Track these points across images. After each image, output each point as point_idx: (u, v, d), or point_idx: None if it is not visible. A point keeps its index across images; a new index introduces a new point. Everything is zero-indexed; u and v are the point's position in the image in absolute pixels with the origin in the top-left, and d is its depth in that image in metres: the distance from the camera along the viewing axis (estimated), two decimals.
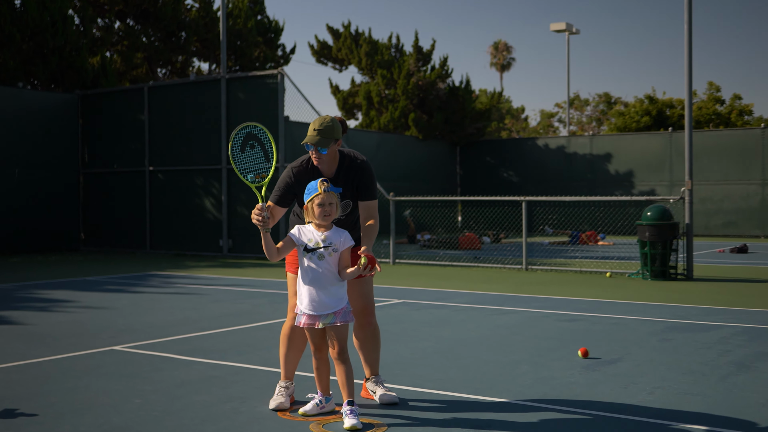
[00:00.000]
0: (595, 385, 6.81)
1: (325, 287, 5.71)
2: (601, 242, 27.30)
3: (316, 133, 5.96)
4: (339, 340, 5.74)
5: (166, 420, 5.76)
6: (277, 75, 21.10)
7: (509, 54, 77.98)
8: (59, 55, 26.00)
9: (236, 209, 21.83)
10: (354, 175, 6.15)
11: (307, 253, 5.76)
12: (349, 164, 6.17)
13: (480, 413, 5.95)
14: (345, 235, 5.83)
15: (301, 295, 5.79)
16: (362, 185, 6.16)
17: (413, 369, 7.48)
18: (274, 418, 5.82)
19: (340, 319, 5.72)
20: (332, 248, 5.73)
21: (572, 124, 62.68)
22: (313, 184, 5.76)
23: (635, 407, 6.11)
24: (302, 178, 6.12)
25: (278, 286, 14.62)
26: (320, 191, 5.69)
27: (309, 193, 5.75)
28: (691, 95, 16.22)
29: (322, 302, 5.70)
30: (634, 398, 6.39)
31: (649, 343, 8.85)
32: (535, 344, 8.78)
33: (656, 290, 14.07)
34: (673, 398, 6.39)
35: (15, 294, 13.51)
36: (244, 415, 5.90)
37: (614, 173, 34.93)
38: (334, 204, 5.74)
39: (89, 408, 6.08)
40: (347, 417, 5.56)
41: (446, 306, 11.97)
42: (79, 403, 6.22)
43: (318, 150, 5.98)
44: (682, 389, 6.68)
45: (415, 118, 36.48)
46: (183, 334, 9.50)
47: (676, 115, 42.71)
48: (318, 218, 5.74)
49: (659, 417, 5.83)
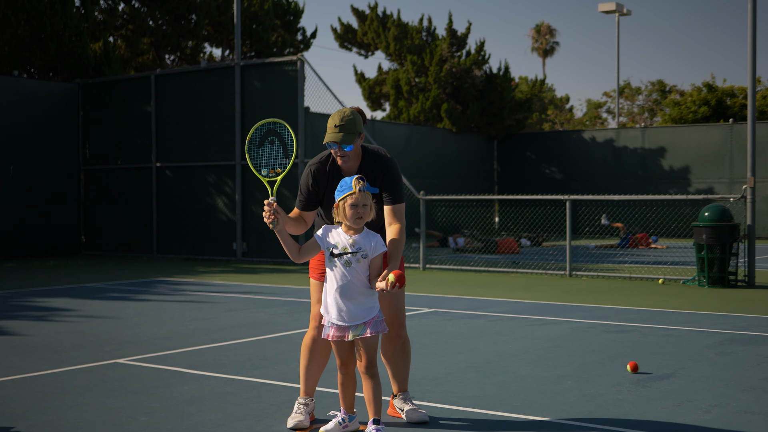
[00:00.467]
0: (645, 403, 6.81)
1: (354, 297, 5.71)
2: (654, 245, 27.20)
3: (338, 130, 5.96)
4: (368, 353, 5.74)
5: None
6: (296, 62, 21.16)
7: (552, 38, 77.81)
8: (58, 41, 26.18)
9: (251, 210, 21.91)
10: (377, 173, 6.16)
11: (333, 258, 5.77)
12: (372, 161, 6.18)
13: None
14: (376, 239, 5.81)
15: (328, 305, 5.79)
16: (386, 186, 6.15)
17: (445, 385, 7.51)
18: None
19: (371, 330, 5.71)
20: (361, 254, 5.72)
21: (622, 115, 62.43)
22: (347, 182, 5.72)
23: (690, 427, 6.11)
24: (321, 178, 6.14)
25: (297, 294, 14.68)
26: (355, 190, 5.66)
27: (342, 191, 5.72)
28: (755, 83, 16.14)
29: (351, 313, 5.70)
30: (688, 417, 6.38)
31: (705, 356, 8.83)
32: (579, 358, 8.78)
33: (714, 298, 14.01)
34: (732, 417, 6.38)
35: (10, 302, 13.64)
36: None
37: (668, 169, 34.78)
38: (368, 206, 5.72)
39: (91, 426, 6.14)
40: None
41: (482, 316, 11.98)
42: (80, 422, 6.28)
43: (342, 148, 5.99)
44: (742, 407, 6.67)
45: (448, 108, 36.47)
46: (193, 346, 9.57)
47: (738, 105, 42.44)
48: (350, 220, 5.71)
49: None
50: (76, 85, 24.88)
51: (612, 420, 6.30)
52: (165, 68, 32.71)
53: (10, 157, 22.90)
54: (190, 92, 23.22)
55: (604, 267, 19.50)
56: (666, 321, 11.42)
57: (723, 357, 8.79)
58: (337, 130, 5.96)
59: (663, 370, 8.12)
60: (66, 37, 26.32)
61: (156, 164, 23.63)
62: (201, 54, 35.87)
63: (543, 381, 7.65)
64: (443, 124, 36.79)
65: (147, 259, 23.23)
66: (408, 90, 37.59)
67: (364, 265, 5.74)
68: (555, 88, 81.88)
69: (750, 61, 16.05)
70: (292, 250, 5.83)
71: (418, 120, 36.97)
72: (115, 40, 32.34)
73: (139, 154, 24.03)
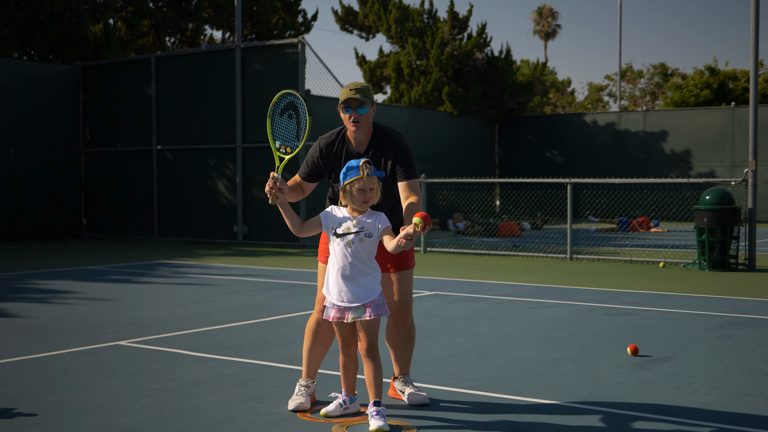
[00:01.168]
0: (645, 386, 6.83)
1: (354, 278, 5.72)
2: (654, 229, 27.21)
3: (354, 92, 6.00)
4: (368, 335, 5.75)
5: (176, 421, 5.83)
6: (297, 44, 21.14)
7: (554, 20, 77.65)
8: (58, 23, 26.16)
9: (252, 192, 21.92)
10: (388, 151, 6.17)
11: (336, 238, 5.79)
12: (383, 137, 6.20)
13: (519, 415, 5.99)
14: (379, 217, 5.81)
15: (330, 285, 5.81)
16: (401, 163, 6.16)
17: (446, 367, 7.53)
18: (294, 419, 5.89)
19: (372, 313, 5.70)
20: (364, 233, 5.73)
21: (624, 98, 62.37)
22: (353, 165, 5.72)
23: (689, 410, 6.13)
24: (330, 152, 6.17)
25: (298, 277, 14.71)
26: (362, 175, 5.67)
27: (349, 174, 5.71)
28: (758, 66, 16.13)
29: (351, 294, 5.71)
30: (688, 400, 6.41)
31: (705, 339, 8.86)
32: (580, 341, 8.80)
33: (714, 282, 14.04)
34: (731, 400, 6.41)
35: (12, 284, 13.67)
36: (261, 416, 5.97)
37: (670, 153, 34.76)
38: (375, 190, 5.73)
39: (92, 408, 6.17)
40: (373, 419, 5.60)
41: (483, 299, 12.01)
42: (82, 403, 6.30)
43: (357, 111, 6.02)
44: (741, 390, 6.69)
45: (449, 91, 36.42)
46: (194, 328, 9.60)
47: (740, 89, 42.41)
48: (356, 203, 5.73)
49: (716, 420, 5.85)
50: (76, 67, 24.86)
51: (612, 402, 6.33)
52: (165, 51, 32.67)
53: (10, 140, 22.90)
54: (191, 75, 23.20)
55: (605, 250, 19.52)
56: (666, 304, 11.45)
57: (723, 340, 8.82)
58: (354, 93, 6.00)
59: (663, 352, 8.15)
60: (66, 19, 26.29)
61: (157, 147, 23.63)
62: (201, 36, 35.83)
63: (543, 363, 7.68)
64: (444, 107, 36.75)
65: (148, 241, 23.26)
66: (409, 73, 37.54)
67: (367, 245, 5.75)
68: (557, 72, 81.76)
69: (752, 44, 16.03)
70: (295, 223, 5.85)
71: (419, 103, 36.93)
72: (115, 22, 32.29)
73: (140, 137, 24.03)
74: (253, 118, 21.77)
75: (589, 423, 5.80)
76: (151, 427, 5.68)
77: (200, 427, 5.68)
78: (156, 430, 5.63)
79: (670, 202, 29.25)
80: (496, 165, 38.81)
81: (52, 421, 5.82)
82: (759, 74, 30.33)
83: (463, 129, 37.03)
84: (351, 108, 6.02)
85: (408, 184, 6.12)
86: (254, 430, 5.64)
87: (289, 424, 5.76)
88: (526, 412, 6.06)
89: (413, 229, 5.48)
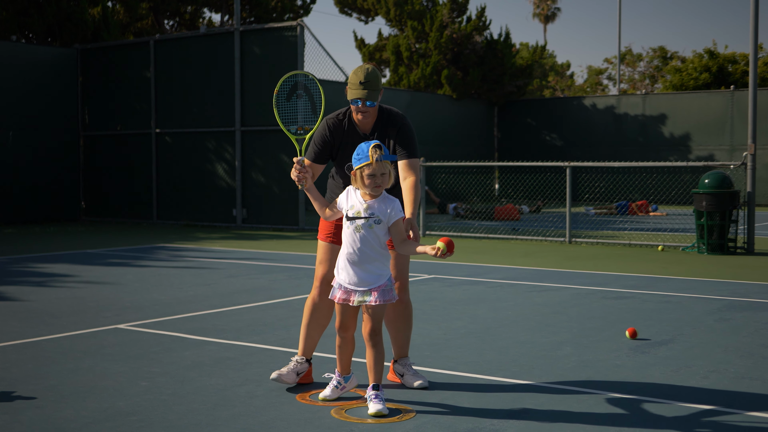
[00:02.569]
0: (644, 369, 6.84)
1: (361, 263, 5.70)
2: (653, 213, 27.22)
3: (362, 87, 5.99)
4: (373, 320, 5.73)
5: (175, 404, 5.84)
6: (296, 27, 21.09)
7: (554, 3, 77.49)
8: (56, 6, 26.11)
9: (251, 176, 21.91)
10: (391, 131, 6.18)
11: (347, 221, 5.77)
12: (387, 118, 6.21)
13: (517, 398, 5.99)
14: (394, 205, 5.76)
15: (339, 267, 5.81)
16: (402, 143, 6.16)
17: (445, 350, 7.54)
18: (293, 402, 5.89)
19: (378, 298, 5.69)
20: (374, 220, 5.70)
21: (623, 81, 62.32)
22: (363, 149, 5.65)
23: (688, 392, 6.14)
24: (337, 134, 6.17)
25: (297, 260, 14.72)
26: (372, 161, 5.60)
27: (359, 159, 5.65)
28: (757, 49, 16.10)
29: (359, 278, 5.70)
30: (686, 383, 6.42)
31: (704, 323, 8.87)
32: (578, 324, 8.81)
33: (713, 265, 14.05)
34: (729, 383, 6.42)
35: (10, 268, 13.67)
36: (260, 399, 5.98)
37: (669, 136, 34.75)
38: (386, 174, 5.67)
39: (92, 391, 6.18)
40: (372, 402, 5.61)
41: (481, 282, 12.01)
42: (81, 386, 6.31)
43: (366, 104, 6.02)
44: (740, 373, 6.70)
45: (448, 75, 36.38)
46: (194, 311, 9.60)
47: (740, 72, 42.34)
48: (368, 188, 5.68)
49: (714, 403, 5.86)
50: (74, 50, 24.80)
51: (611, 385, 6.33)
52: (164, 33, 32.60)
53: (9, 123, 22.87)
54: (190, 58, 23.16)
55: (604, 234, 19.52)
56: (665, 287, 11.46)
57: (721, 323, 8.83)
58: (362, 87, 5.99)
59: (662, 336, 8.16)
60: (64, 2, 26.25)
61: (155, 130, 23.60)
62: (200, 19, 35.77)
63: (542, 347, 7.69)
64: (444, 91, 36.72)
65: (147, 225, 23.26)
66: (408, 56, 37.49)
67: (377, 231, 5.71)
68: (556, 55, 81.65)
69: (752, 27, 16.00)
70: (323, 206, 5.87)
71: (419, 86, 36.90)
72: (114, 5, 32.24)
73: (139, 120, 24.00)
74: (252, 102, 21.74)
75: (587, 406, 5.81)
76: (151, 410, 5.68)
77: (199, 410, 5.69)
78: (155, 412, 5.64)
79: (669, 185, 29.26)
80: (495, 148, 38.82)
81: (51, 404, 5.82)
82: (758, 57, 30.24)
83: (462, 112, 37.02)
84: (359, 100, 6.02)
85: (408, 163, 6.11)
86: (253, 412, 5.64)
87: (288, 407, 5.77)
88: (524, 395, 6.07)
89: (433, 251, 5.52)
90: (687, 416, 5.57)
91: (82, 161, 24.98)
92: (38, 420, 5.47)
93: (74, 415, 5.60)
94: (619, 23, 44.62)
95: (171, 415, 5.60)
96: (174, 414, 5.61)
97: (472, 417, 5.57)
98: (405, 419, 5.51)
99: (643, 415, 5.59)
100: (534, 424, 5.41)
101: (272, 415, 5.59)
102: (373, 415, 5.55)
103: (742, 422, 5.45)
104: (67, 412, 5.66)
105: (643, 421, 5.46)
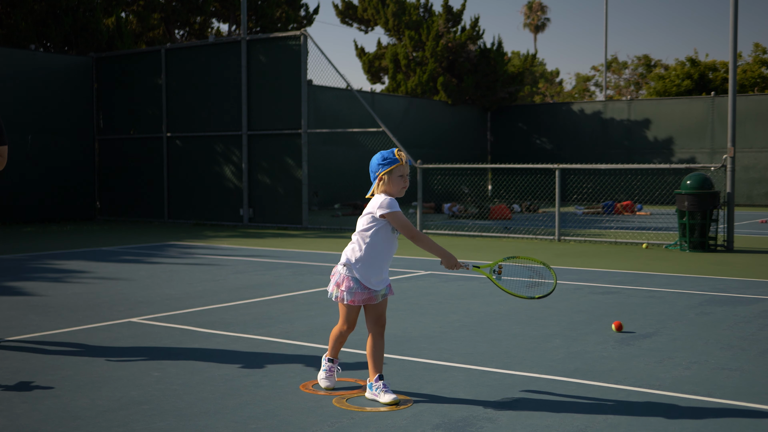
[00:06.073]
0: (629, 360, 6.84)
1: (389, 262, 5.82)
2: (639, 213, 27.21)
3: None
4: (384, 311, 5.81)
5: (185, 394, 5.84)
6: (299, 36, 21.10)
7: (544, 14, 77.52)
8: (73, 16, 26.10)
9: (257, 177, 21.91)
10: None
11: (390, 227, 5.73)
12: None
13: (509, 388, 5.99)
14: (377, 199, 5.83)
15: (370, 273, 5.69)
16: None
17: (441, 343, 7.54)
18: (296, 392, 5.89)
19: (390, 289, 5.83)
20: None
21: (609, 88, 62.27)
22: (387, 155, 5.67)
23: (671, 382, 6.14)
24: None
25: (300, 257, 14.71)
26: (402, 162, 5.64)
27: (387, 164, 5.64)
28: (736, 57, 16.10)
29: (385, 276, 5.76)
30: (669, 373, 6.42)
31: (686, 316, 8.87)
32: (567, 318, 8.81)
33: (695, 262, 14.05)
34: (710, 373, 6.41)
35: (29, 264, 13.66)
36: (266, 389, 5.97)
37: (653, 140, 34.75)
38: (408, 176, 5.74)
39: (106, 381, 6.18)
40: (384, 392, 5.62)
41: (475, 278, 12.00)
42: (96, 376, 6.31)
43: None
44: (720, 364, 6.70)
45: (444, 81, 36.37)
46: (202, 306, 9.60)
47: (720, 79, 42.36)
48: (395, 188, 5.67)
49: (696, 393, 5.86)
50: (90, 58, 24.79)
51: (597, 375, 6.33)
52: (175, 43, 32.59)
53: (28, 128, 22.86)
54: (199, 66, 23.16)
55: (591, 232, 19.52)
56: (649, 283, 11.45)
57: (702, 317, 8.83)
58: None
59: (646, 329, 8.15)
60: (80, 13, 26.23)
61: (166, 134, 23.60)
62: (209, 29, 35.74)
63: (533, 339, 7.68)
64: (439, 97, 36.72)
65: (158, 224, 23.25)
66: (406, 64, 37.48)
67: None
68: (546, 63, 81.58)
69: (732, 36, 16.00)
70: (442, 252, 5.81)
71: (416, 92, 36.90)
72: (127, 15, 32.23)
73: (151, 125, 23.99)
74: (258, 107, 21.75)
75: (576, 395, 5.81)
76: (162, 399, 5.68)
77: (208, 400, 5.68)
78: (166, 401, 5.64)
79: (652, 186, 29.25)
80: (489, 151, 38.82)
81: (68, 394, 5.82)
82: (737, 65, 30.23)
83: (456, 117, 37.03)
84: None
85: None
86: (259, 401, 5.64)
87: (292, 396, 5.77)
88: (516, 385, 6.07)
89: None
90: (670, 405, 5.57)
91: (96, 163, 24.96)
92: (56, 408, 5.47)
93: (90, 403, 5.59)
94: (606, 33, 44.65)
95: (181, 403, 5.60)
96: (184, 403, 5.61)
97: (467, 405, 5.57)
98: (403, 408, 5.51)
99: (628, 404, 5.59)
100: (525, 412, 5.41)
101: (277, 404, 5.58)
102: (388, 403, 5.55)
103: (722, 410, 5.45)
104: (83, 401, 5.66)
105: (628, 409, 5.45)
